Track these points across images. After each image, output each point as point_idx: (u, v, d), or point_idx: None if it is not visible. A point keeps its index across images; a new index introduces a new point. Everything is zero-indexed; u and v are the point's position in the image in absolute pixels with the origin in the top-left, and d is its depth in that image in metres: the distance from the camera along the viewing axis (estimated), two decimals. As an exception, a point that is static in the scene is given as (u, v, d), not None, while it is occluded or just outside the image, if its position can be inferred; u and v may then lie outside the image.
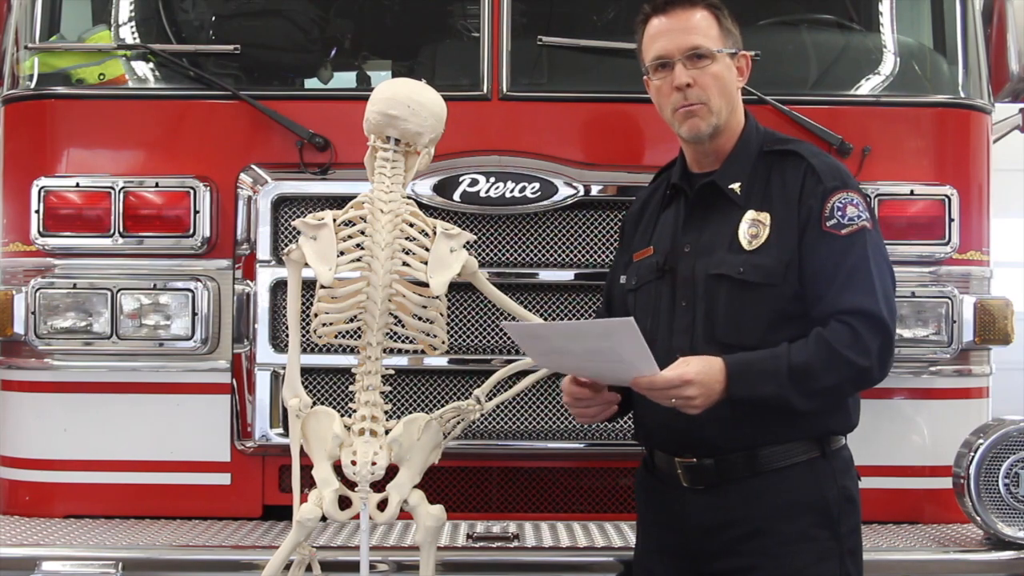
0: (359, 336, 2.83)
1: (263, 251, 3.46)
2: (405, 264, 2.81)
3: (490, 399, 2.95)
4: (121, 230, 3.47)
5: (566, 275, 3.52)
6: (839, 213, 2.70)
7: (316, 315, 2.82)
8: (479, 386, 2.94)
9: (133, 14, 3.81)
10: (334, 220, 2.82)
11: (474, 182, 3.44)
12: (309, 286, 2.95)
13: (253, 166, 3.48)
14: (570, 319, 3.50)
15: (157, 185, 3.47)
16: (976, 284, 3.59)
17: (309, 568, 2.95)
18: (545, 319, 3.27)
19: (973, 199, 3.61)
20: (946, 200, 3.53)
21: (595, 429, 3.51)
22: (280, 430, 3.46)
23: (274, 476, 3.52)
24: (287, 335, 3.02)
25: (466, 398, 2.97)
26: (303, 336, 2.93)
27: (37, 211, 3.46)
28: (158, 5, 3.80)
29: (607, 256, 3.44)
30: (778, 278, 2.68)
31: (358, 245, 2.81)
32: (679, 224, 2.83)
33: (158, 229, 3.50)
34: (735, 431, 2.67)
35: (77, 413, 3.53)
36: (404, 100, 2.84)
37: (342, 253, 2.81)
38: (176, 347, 3.49)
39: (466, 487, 3.54)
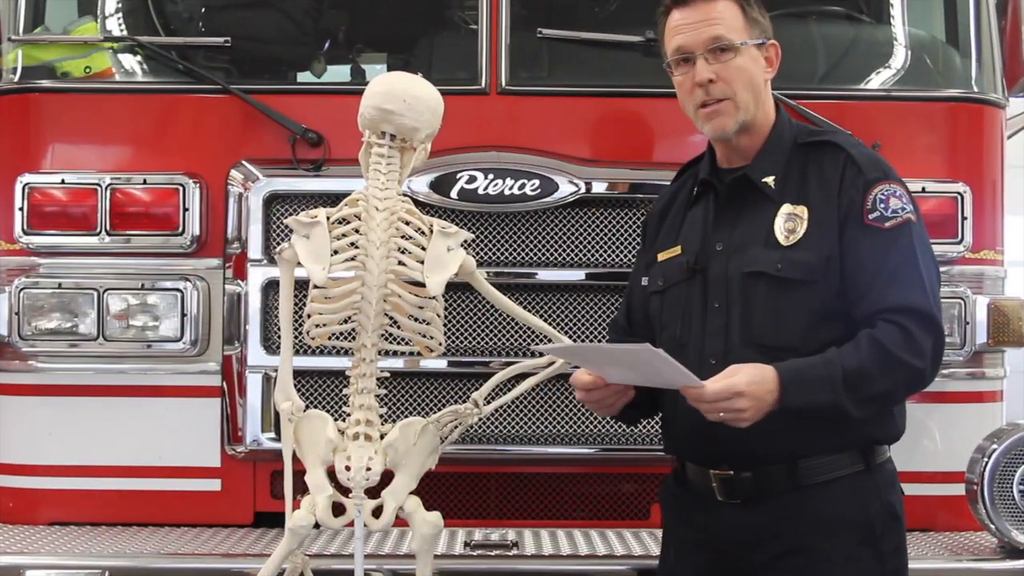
0: (353, 338, 2.87)
1: (254, 250, 3.54)
2: (401, 263, 2.84)
3: (488, 403, 2.97)
4: (108, 228, 3.54)
5: (567, 275, 3.60)
6: (882, 205, 2.68)
7: (309, 316, 2.86)
8: (477, 389, 2.95)
9: (120, 5, 3.87)
10: (327, 218, 2.85)
11: (472, 179, 3.51)
12: (302, 286, 2.98)
13: (244, 162, 3.55)
14: (573, 321, 3.56)
15: (145, 182, 3.55)
16: (990, 284, 3.62)
17: (302, 577, 2.99)
18: (546, 321, 3.30)
19: (987, 196, 3.63)
20: (959, 197, 3.55)
21: (596, 434, 3.58)
22: (272, 434, 3.52)
23: (265, 482, 3.59)
24: (279, 336, 3.05)
25: (464, 401, 2.99)
26: (295, 337, 2.97)
27: (21, 208, 3.52)
28: None
29: (611, 256, 3.54)
30: (818, 274, 2.67)
31: (352, 244, 2.84)
32: (709, 221, 2.83)
33: (146, 227, 3.57)
34: (776, 441, 2.65)
35: (63, 417, 3.63)
36: (400, 94, 2.86)
37: (336, 252, 2.85)
38: (164, 349, 3.57)
39: (464, 493, 3.63)
